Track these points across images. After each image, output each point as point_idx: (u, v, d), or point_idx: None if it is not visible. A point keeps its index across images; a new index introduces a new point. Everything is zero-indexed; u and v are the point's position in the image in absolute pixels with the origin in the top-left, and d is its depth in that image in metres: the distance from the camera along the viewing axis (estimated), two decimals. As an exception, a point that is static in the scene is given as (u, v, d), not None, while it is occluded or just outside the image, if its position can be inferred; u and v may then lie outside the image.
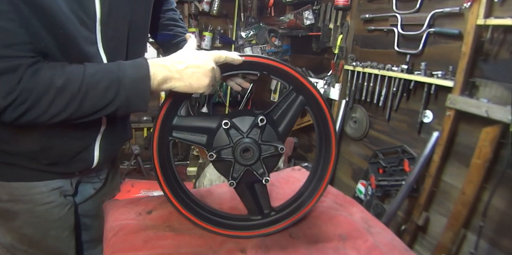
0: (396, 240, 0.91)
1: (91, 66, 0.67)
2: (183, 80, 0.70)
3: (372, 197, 2.07)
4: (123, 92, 0.66)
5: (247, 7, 3.48)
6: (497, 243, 1.50)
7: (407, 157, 1.90)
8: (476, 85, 1.52)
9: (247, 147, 0.78)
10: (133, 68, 0.68)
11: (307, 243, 0.85)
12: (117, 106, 0.67)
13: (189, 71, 0.70)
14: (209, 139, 0.82)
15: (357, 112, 2.31)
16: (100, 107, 0.67)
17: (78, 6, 0.67)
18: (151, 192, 2.54)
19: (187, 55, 0.72)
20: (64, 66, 0.65)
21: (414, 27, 1.79)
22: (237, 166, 0.80)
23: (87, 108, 0.66)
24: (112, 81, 0.66)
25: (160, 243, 0.80)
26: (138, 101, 0.68)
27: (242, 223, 0.89)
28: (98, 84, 0.65)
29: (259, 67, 0.83)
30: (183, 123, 0.83)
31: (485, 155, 1.45)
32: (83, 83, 0.64)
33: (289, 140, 2.97)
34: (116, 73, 0.66)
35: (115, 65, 0.68)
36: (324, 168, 0.90)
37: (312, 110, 0.87)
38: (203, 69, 0.70)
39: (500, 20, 1.36)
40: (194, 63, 0.70)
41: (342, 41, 2.32)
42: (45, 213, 0.87)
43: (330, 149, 0.87)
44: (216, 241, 0.83)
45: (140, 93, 0.68)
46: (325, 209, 1.01)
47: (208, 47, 3.38)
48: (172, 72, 0.69)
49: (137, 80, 0.67)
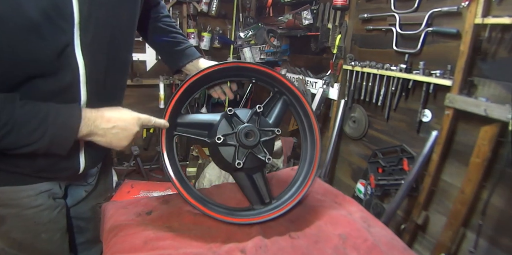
0: (396, 239, 0.91)
1: (24, 103, 0.67)
2: (105, 137, 0.76)
3: (372, 197, 2.07)
4: (47, 138, 0.69)
5: (246, 7, 3.48)
6: (497, 242, 1.50)
7: (406, 157, 1.90)
8: (475, 84, 1.52)
9: (250, 130, 0.89)
10: (65, 117, 0.71)
11: (307, 243, 0.85)
12: (37, 147, 0.69)
13: (113, 131, 0.76)
14: (211, 131, 0.91)
15: (356, 112, 2.31)
16: (20, 145, 0.68)
17: (53, 9, 0.66)
18: (151, 193, 2.54)
19: (118, 115, 0.78)
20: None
21: (412, 27, 1.80)
22: (241, 150, 0.90)
23: (5, 143, 0.66)
24: (41, 124, 0.68)
25: (160, 243, 0.80)
26: (59, 147, 0.72)
27: (246, 212, 0.95)
28: (26, 124, 0.66)
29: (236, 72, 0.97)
30: (186, 120, 0.92)
31: (484, 154, 1.46)
32: (11, 119, 0.64)
33: (289, 140, 2.97)
34: (47, 118, 0.68)
35: (49, 109, 0.70)
36: (312, 153, 1.04)
37: (292, 104, 1.03)
38: (127, 132, 0.77)
39: (498, 19, 1.36)
40: (120, 125, 0.76)
41: (341, 41, 2.32)
42: (34, 216, 0.87)
43: (314, 136, 1.04)
44: (216, 242, 0.84)
45: (63, 142, 0.71)
46: (325, 209, 1.02)
47: (207, 48, 3.38)
48: (98, 128, 0.75)
49: (64, 129, 0.70)
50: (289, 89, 1.02)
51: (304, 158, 1.05)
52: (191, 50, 1.12)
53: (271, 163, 2.73)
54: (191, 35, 3.26)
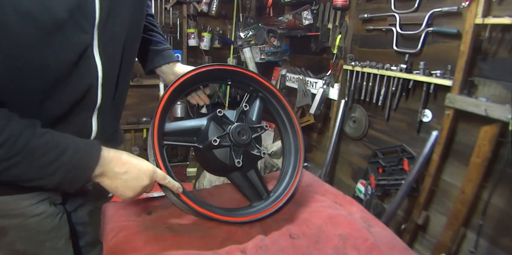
0: (396, 239, 0.91)
1: (44, 132, 0.63)
2: (113, 181, 0.71)
3: (372, 197, 2.07)
4: (59, 176, 0.64)
5: (246, 7, 3.48)
6: (497, 242, 1.50)
7: (407, 157, 1.90)
8: (475, 84, 1.52)
9: (241, 129, 0.91)
10: (83, 156, 0.66)
11: (307, 243, 0.85)
12: (44, 183, 0.65)
13: (124, 177, 0.71)
14: (200, 136, 0.90)
15: (356, 112, 2.31)
16: (26, 179, 0.64)
17: (78, 9, 0.64)
18: (151, 193, 2.53)
19: (135, 162, 0.73)
20: (11, 119, 0.60)
21: (412, 27, 1.80)
22: (235, 149, 0.90)
23: (10, 174, 0.61)
24: (56, 160, 0.63)
25: (160, 244, 0.80)
26: (69, 186, 0.67)
27: (246, 210, 0.96)
28: (41, 157, 0.62)
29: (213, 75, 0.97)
30: (172, 128, 0.89)
31: (484, 154, 1.46)
32: (26, 149, 0.60)
33: (289, 140, 2.97)
34: (64, 153, 0.64)
35: (68, 143, 0.65)
36: (296, 143, 1.10)
37: (269, 100, 1.07)
38: (137, 182, 0.72)
39: (498, 19, 1.36)
40: (133, 173, 0.72)
41: (341, 41, 2.32)
42: (37, 225, 0.84)
43: (295, 127, 1.10)
44: (216, 242, 0.83)
45: (74, 181, 0.67)
46: (325, 209, 1.01)
47: (207, 48, 3.38)
48: (110, 171, 0.70)
49: (80, 169, 0.66)
50: (265, 87, 1.05)
51: (289, 149, 1.11)
52: (169, 52, 1.09)
53: (271, 163, 2.73)
54: (191, 35, 3.26)
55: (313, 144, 2.95)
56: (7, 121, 0.60)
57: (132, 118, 3.30)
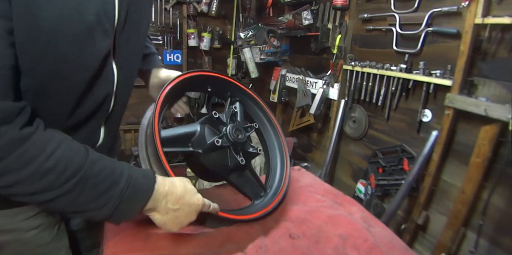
0: (396, 239, 0.91)
1: (98, 158, 0.59)
2: (164, 217, 0.68)
3: (372, 197, 2.07)
4: (108, 209, 0.59)
5: (246, 7, 3.48)
6: (497, 242, 1.50)
7: (407, 156, 1.90)
8: (475, 84, 1.52)
9: (237, 128, 0.92)
10: (138, 187, 0.62)
11: (307, 243, 0.85)
12: (88, 216, 0.60)
13: (176, 214, 0.69)
14: (195, 141, 0.88)
15: (356, 112, 2.31)
16: (70, 210, 0.58)
17: (103, 13, 0.62)
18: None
19: (188, 197, 0.70)
20: (64, 141, 0.56)
21: (412, 27, 1.80)
22: (234, 149, 0.90)
23: (57, 206, 0.56)
24: (108, 191, 0.58)
25: (160, 243, 0.80)
26: (114, 220, 0.63)
27: (248, 209, 0.96)
28: (93, 187, 0.56)
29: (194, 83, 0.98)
30: (167, 136, 0.84)
31: (484, 154, 1.46)
32: (78, 176, 0.55)
33: (289, 140, 2.97)
34: (118, 183, 0.59)
35: (123, 171, 0.61)
36: (277, 139, 1.14)
37: (246, 102, 1.11)
38: (185, 219, 0.71)
39: (498, 19, 1.36)
40: (184, 210, 0.69)
41: (341, 41, 2.32)
42: (35, 238, 0.79)
43: (273, 125, 1.14)
44: (216, 242, 0.83)
45: (122, 216, 0.63)
46: (325, 209, 1.01)
47: (207, 48, 3.38)
48: (164, 206, 0.67)
49: (132, 203, 0.62)
50: (241, 90, 1.09)
51: (273, 144, 1.15)
52: (156, 57, 1.09)
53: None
54: (191, 35, 3.26)
55: (313, 144, 2.95)
56: (58, 143, 0.56)
57: (132, 118, 3.30)
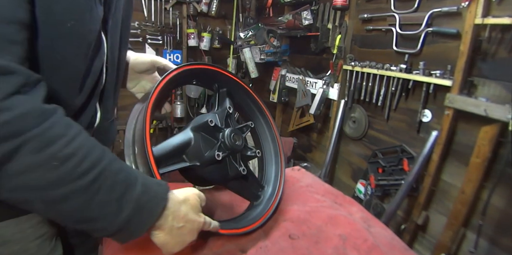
0: (396, 239, 0.91)
1: (113, 158, 0.56)
2: (167, 236, 0.64)
3: (372, 197, 2.07)
4: (125, 213, 0.55)
5: (246, 7, 3.48)
6: (497, 242, 1.50)
7: (406, 157, 1.90)
8: (475, 84, 1.52)
9: (235, 134, 0.82)
10: (152, 196, 0.58)
11: (307, 243, 0.85)
12: (99, 226, 0.55)
13: (178, 232, 0.64)
14: (190, 152, 0.78)
15: (356, 112, 2.31)
16: (81, 216, 0.52)
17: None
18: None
19: (191, 215, 0.66)
20: (83, 130, 0.52)
21: (412, 27, 1.80)
22: (233, 156, 0.83)
23: (69, 207, 0.50)
24: (127, 190, 0.54)
25: (160, 244, 0.79)
26: (125, 234, 0.58)
27: (251, 213, 0.92)
28: (108, 189, 0.52)
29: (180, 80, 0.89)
30: (160, 153, 0.75)
31: (484, 154, 1.46)
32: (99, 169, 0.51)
33: (289, 140, 2.97)
34: (136, 185, 0.56)
35: (137, 174, 0.58)
36: (270, 132, 1.06)
37: (236, 92, 1.00)
38: (186, 238, 0.66)
39: (497, 19, 1.36)
40: (187, 228, 0.65)
41: (341, 41, 2.32)
42: (39, 248, 0.74)
43: (266, 117, 1.06)
44: (216, 242, 0.83)
45: (137, 227, 0.58)
46: (325, 209, 1.01)
47: (207, 48, 3.38)
48: (168, 223, 0.62)
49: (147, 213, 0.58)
50: (228, 78, 0.96)
51: (265, 138, 1.07)
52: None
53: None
54: (191, 35, 3.26)
55: (313, 144, 2.95)
56: (78, 130, 0.52)
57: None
